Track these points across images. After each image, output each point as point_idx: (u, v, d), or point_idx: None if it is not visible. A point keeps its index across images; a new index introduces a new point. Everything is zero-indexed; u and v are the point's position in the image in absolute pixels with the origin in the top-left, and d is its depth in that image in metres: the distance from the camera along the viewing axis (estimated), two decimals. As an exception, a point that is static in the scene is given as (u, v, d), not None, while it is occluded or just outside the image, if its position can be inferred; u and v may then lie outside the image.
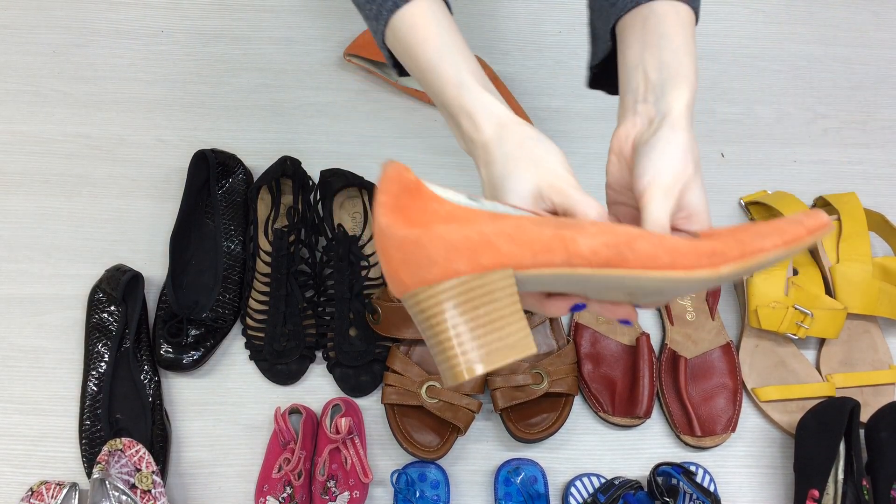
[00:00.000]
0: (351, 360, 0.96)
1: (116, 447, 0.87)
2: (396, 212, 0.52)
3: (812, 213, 0.56)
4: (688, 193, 0.58)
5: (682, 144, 0.59)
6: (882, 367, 1.01)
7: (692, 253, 0.53)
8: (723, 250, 0.53)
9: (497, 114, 0.60)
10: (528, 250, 0.52)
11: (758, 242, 0.54)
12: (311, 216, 1.03)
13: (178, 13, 1.21)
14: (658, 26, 0.61)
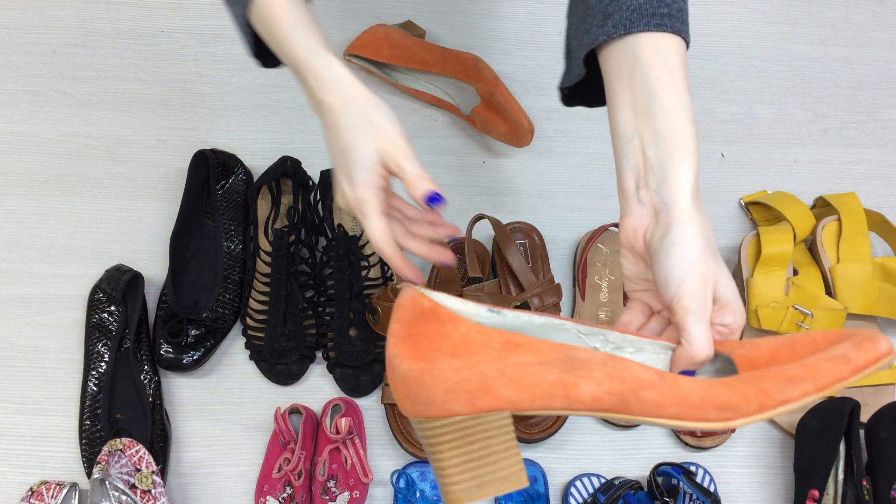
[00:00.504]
0: (351, 360, 0.96)
1: (116, 447, 0.87)
2: (406, 341, 0.54)
3: (865, 341, 0.52)
4: (717, 287, 0.57)
5: (696, 242, 0.57)
6: (882, 367, 1.00)
7: (703, 405, 0.51)
8: (738, 404, 0.51)
9: (343, 79, 0.64)
10: (527, 395, 0.53)
11: (784, 392, 0.51)
12: (311, 216, 1.03)
13: (178, 13, 1.21)
14: (646, 86, 0.58)
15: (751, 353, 0.55)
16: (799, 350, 0.54)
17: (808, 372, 0.51)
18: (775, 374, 0.52)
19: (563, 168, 1.12)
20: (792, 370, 0.52)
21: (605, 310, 1.02)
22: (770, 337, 0.56)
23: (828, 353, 0.52)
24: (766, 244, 1.01)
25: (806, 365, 0.51)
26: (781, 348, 0.54)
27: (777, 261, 1.01)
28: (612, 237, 1.06)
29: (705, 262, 0.57)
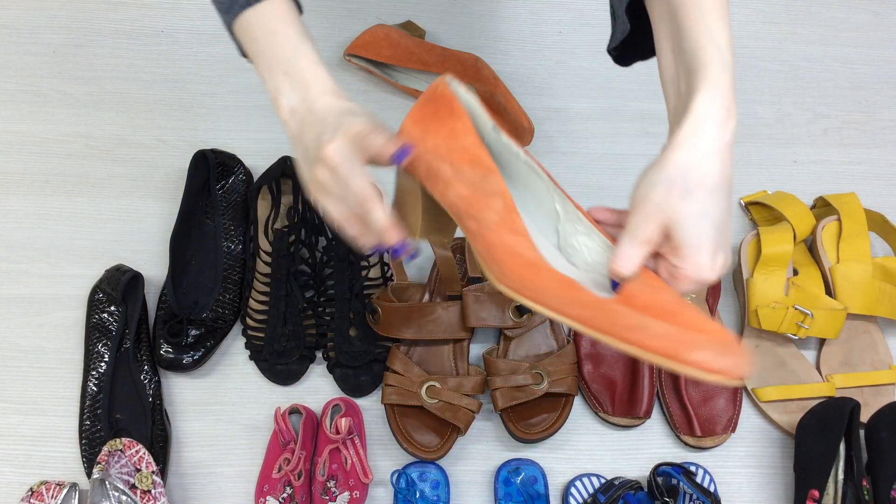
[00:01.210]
0: (351, 360, 0.96)
1: (116, 447, 0.87)
2: (417, 111, 0.66)
3: (729, 352, 0.56)
4: (674, 226, 0.58)
5: (668, 171, 0.58)
6: (882, 367, 1.01)
7: (565, 303, 0.60)
8: (591, 317, 0.59)
9: (332, 89, 0.66)
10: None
11: (630, 332, 0.58)
12: (311, 216, 1.03)
13: (178, 13, 1.21)
14: (678, 24, 0.60)
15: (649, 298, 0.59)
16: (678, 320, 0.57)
17: (663, 333, 0.57)
18: (639, 317, 0.57)
19: (563, 168, 1.12)
20: (658, 326, 0.57)
21: (605, 310, 1.01)
22: (673, 298, 0.59)
23: (697, 335, 0.56)
24: (766, 244, 1.01)
25: (668, 330, 0.57)
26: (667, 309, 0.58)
27: (777, 261, 1.01)
28: (612, 237, 1.06)
29: (667, 193, 0.58)
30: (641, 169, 0.61)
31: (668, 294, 0.58)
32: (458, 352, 0.96)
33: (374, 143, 0.63)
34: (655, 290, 0.58)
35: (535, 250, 0.62)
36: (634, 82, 1.20)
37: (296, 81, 0.65)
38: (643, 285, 0.59)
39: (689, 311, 0.57)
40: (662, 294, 0.58)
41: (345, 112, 0.64)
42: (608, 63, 0.78)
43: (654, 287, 0.59)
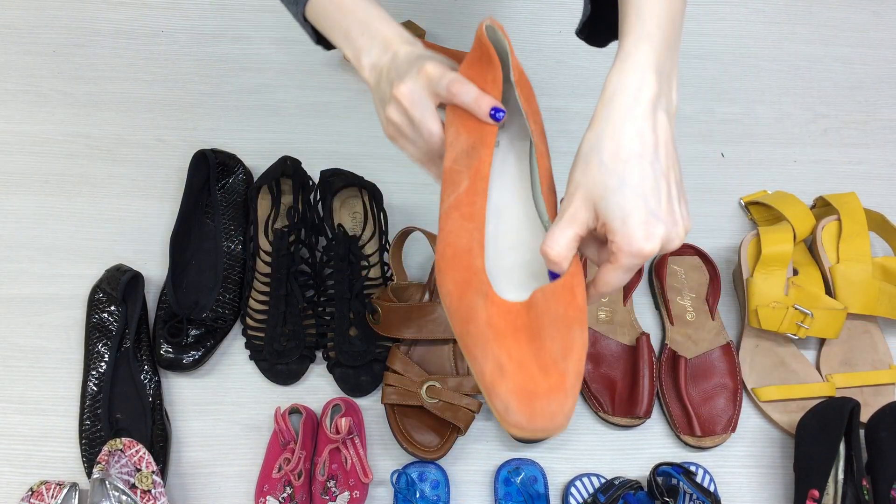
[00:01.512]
0: (351, 360, 0.96)
1: (116, 447, 0.87)
2: (468, 64, 0.66)
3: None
4: (600, 202, 0.58)
5: (587, 146, 0.60)
6: (882, 367, 1.01)
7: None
8: None
9: (408, 39, 0.68)
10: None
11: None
12: (311, 216, 1.03)
13: (178, 13, 1.21)
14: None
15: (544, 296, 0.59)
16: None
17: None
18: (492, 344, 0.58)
19: (563, 168, 1.11)
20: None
21: (604, 309, 1.02)
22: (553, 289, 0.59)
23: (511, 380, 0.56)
24: (766, 244, 1.01)
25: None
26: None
27: (777, 261, 1.01)
28: (612, 237, 1.06)
29: (584, 170, 0.59)
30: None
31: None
32: (458, 352, 0.97)
33: (450, 88, 0.64)
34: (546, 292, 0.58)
35: (474, 244, 0.61)
36: (634, 82, 1.20)
37: (374, 38, 0.67)
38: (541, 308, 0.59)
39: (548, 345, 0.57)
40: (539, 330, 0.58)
41: (421, 57, 0.65)
42: (608, 63, 0.78)
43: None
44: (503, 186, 0.69)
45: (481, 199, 0.62)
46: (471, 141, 0.64)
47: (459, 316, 0.59)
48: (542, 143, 0.66)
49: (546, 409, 0.54)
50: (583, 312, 0.58)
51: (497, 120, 0.63)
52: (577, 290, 0.58)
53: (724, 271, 1.07)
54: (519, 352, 0.56)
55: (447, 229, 0.62)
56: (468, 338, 0.58)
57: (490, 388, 0.55)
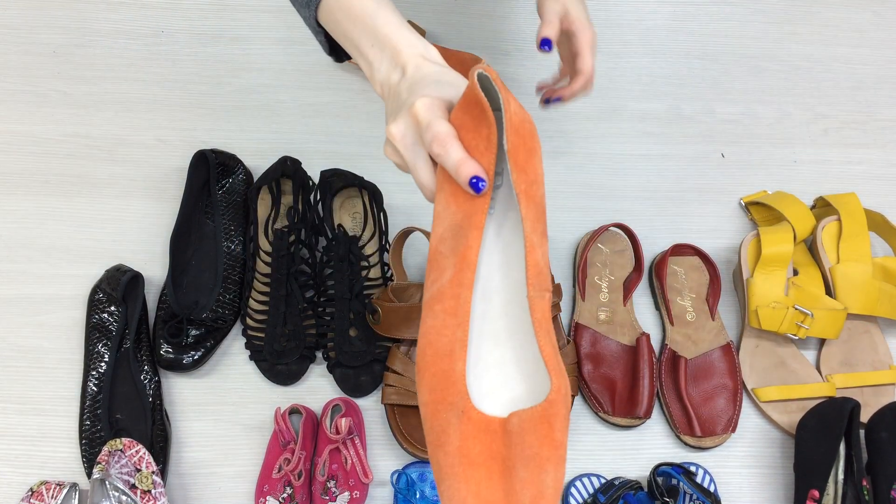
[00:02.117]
0: (351, 361, 0.96)
1: (116, 447, 0.87)
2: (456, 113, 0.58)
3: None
4: (570, 7, 0.90)
5: None
6: (882, 367, 1.01)
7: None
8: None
9: (419, 52, 0.64)
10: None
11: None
12: (311, 216, 1.03)
13: (177, 13, 1.21)
14: None
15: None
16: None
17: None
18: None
19: (563, 168, 1.12)
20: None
21: (605, 310, 1.02)
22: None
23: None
24: (766, 244, 1.01)
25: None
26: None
27: (777, 261, 1.01)
28: (612, 237, 1.06)
29: None
30: (641, 169, 0.60)
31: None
32: (458, 352, 0.96)
33: (432, 148, 0.57)
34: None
35: (456, 345, 0.55)
36: (634, 82, 1.20)
37: (384, 50, 0.63)
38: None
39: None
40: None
41: (419, 85, 0.60)
42: (608, 63, 0.78)
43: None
44: (493, 264, 0.60)
45: (466, 291, 0.56)
46: (459, 217, 0.57)
47: (432, 436, 0.54)
48: (533, 232, 0.57)
49: None
50: (559, 449, 0.53)
51: (477, 191, 0.56)
52: (556, 422, 0.53)
53: (725, 271, 1.07)
54: (490, 489, 0.52)
55: (428, 324, 0.56)
56: (436, 466, 0.54)
57: None
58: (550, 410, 0.53)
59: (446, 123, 0.57)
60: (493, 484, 0.52)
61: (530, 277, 0.56)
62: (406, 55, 0.62)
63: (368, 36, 0.64)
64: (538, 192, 0.58)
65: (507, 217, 0.61)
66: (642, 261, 1.03)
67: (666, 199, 1.12)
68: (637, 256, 1.04)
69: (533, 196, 0.57)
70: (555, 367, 0.54)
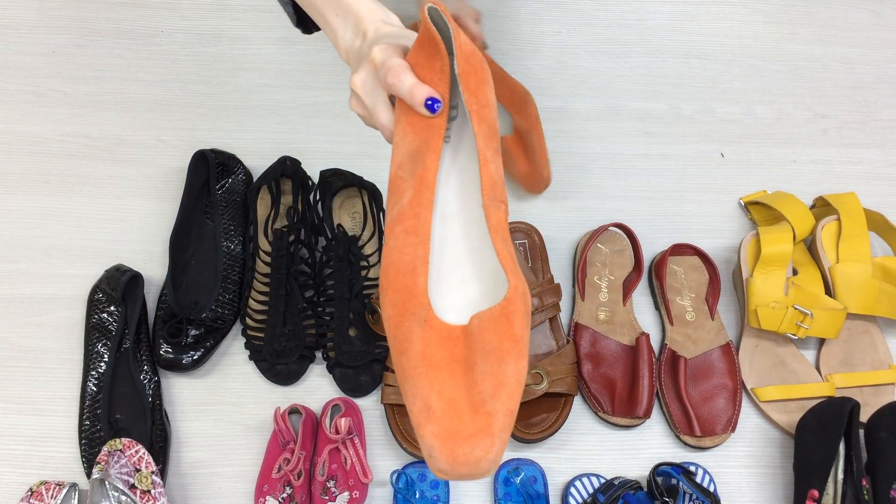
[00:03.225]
0: (351, 360, 0.96)
1: (116, 447, 0.87)
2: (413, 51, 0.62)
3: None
4: None
5: None
6: (882, 367, 1.01)
7: None
8: None
9: (380, 17, 0.66)
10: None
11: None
12: (310, 216, 1.03)
13: (177, 13, 1.21)
14: None
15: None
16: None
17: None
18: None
19: (563, 168, 1.12)
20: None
21: (604, 309, 1.02)
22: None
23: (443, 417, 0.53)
24: (765, 244, 1.01)
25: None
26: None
27: (777, 260, 1.01)
28: (611, 237, 1.06)
29: None
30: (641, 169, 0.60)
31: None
32: (457, 352, 0.96)
33: (387, 79, 0.61)
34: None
35: (418, 262, 0.57)
36: (634, 82, 1.20)
37: (348, 18, 0.66)
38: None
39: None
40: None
41: (379, 38, 0.63)
42: (608, 63, 0.78)
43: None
44: (450, 188, 0.64)
45: (426, 210, 0.59)
46: (416, 143, 0.60)
47: (395, 344, 0.56)
48: (486, 147, 0.60)
49: (469, 455, 0.50)
50: (518, 343, 0.54)
51: (433, 111, 0.60)
52: (515, 318, 0.55)
53: (724, 271, 1.07)
54: (452, 387, 0.53)
55: (390, 245, 0.58)
56: (400, 371, 0.55)
57: (416, 430, 0.53)
58: (509, 308, 0.55)
59: (400, 59, 0.61)
60: (455, 383, 0.53)
61: (485, 188, 0.59)
62: (367, 21, 0.65)
63: (333, 6, 0.67)
64: (490, 115, 0.61)
65: (461, 145, 0.64)
66: (642, 261, 1.03)
67: (666, 198, 1.12)
68: (637, 256, 1.04)
69: (485, 118, 0.61)
70: (512, 269, 0.57)
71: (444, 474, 0.51)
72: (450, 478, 0.51)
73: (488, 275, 0.60)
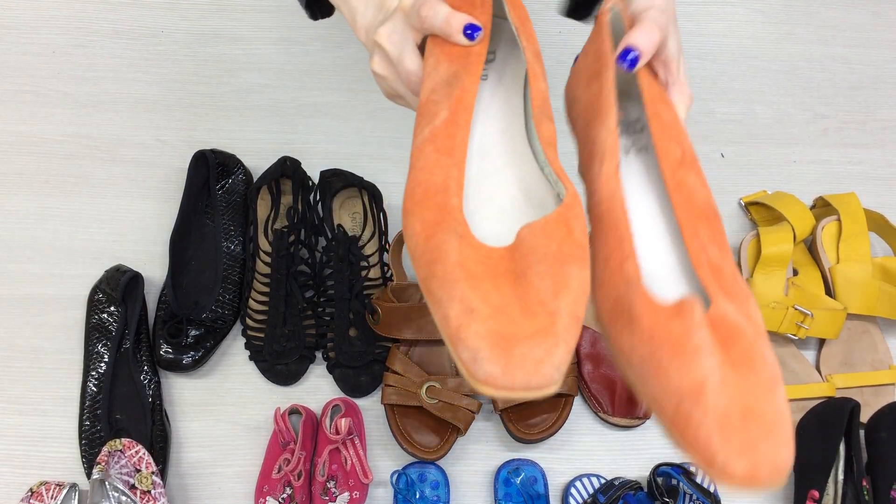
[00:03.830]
0: (351, 361, 0.96)
1: (116, 448, 0.87)
2: None
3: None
4: (668, 39, 0.58)
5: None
6: (882, 367, 1.01)
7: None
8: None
9: None
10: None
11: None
12: (310, 216, 1.03)
13: (177, 13, 1.21)
14: None
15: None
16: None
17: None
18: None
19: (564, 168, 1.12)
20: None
21: (604, 310, 1.01)
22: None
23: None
24: (765, 244, 1.01)
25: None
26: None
27: (777, 261, 1.01)
28: (611, 237, 1.06)
29: (668, 1, 0.58)
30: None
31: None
32: (457, 352, 0.96)
33: (420, 13, 0.56)
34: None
35: (451, 182, 0.49)
36: (634, 82, 1.20)
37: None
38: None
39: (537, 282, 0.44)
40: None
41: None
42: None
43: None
44: (489, 122, 0.58)
45: (463, 131, 0.52)
46: (452, 69, 0.54)
47: (426, 258, 0.46)
48: (536, 64, 0.56)
49: (528, 355, 0.40)
50: (583, 249, 0.46)
51: (472, 39, 0.55)
52: (575, 224, 0.47)
53: (724, 271, 1.07)
54: (498, 295, 0.44)
55: (419, 166, 0.51)
56: (433, 280, 0.45)
57: (455, 335, 0.42)
58: (567, 214, 0.47)
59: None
60: (502, 292, 0.44)
61: (535, 101, 0.53)
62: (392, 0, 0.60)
63: None
64: (535, 41, 0.58)
65: (503, 79, 0.59)
66: (642, 261, 1.03)
67: (666, 199, 1.12)
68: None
69: (532, 37, 0.57)
70: (566, 178, 0.51)
71: (494, 385, 0.40)
72: (501, 392, 0.40)
73: (532, 207, 0.53)
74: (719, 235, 0.51)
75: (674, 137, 0.54)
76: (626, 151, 0.60)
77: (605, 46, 0.56)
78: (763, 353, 0.46)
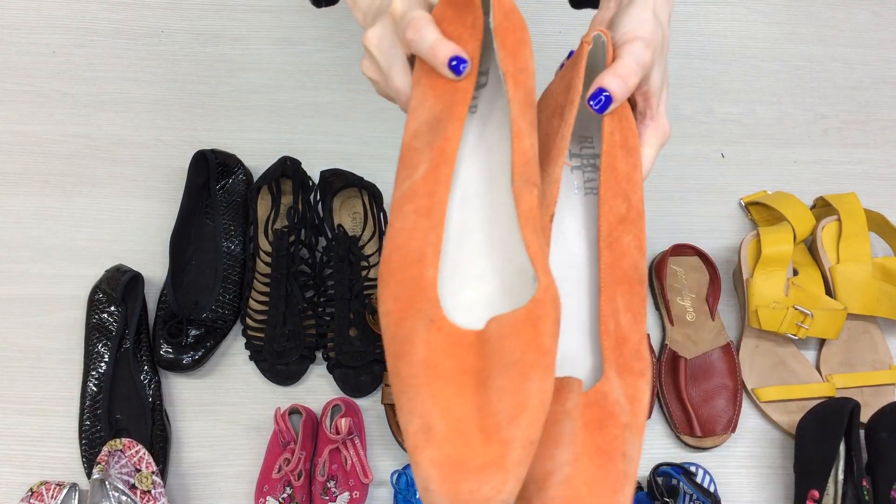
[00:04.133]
0: (351, 361, 0.96)
1: (116, 447, 0.87)
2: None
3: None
4: (651, 72, 0.55)
5: (651, 15, 0.56)
6: (882, 367, 1.01)
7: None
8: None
9: None
10: None
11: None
12: (311, 216, 1.03)
13: (177, 13, 1.21)
14: None
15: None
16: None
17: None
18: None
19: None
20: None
21: (605, 310, 1.01)
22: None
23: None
24: (766, 244, 1.01)
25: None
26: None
27: (777, 261, 1.01)
28: (612, 237, 1.06)
29: (654, 30, 0.56)
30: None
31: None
32: (457, 352, 0.96)
33: (406, 35, 0.52)
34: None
35: (428, 249, 0.47)
36: (634, 82, 1.20)
37: None
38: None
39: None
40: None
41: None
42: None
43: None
44: (474, 168, 0.54)
45: (443, 189, 0.48)
46: (437, 109, 0.51)
47: (394, 346, 0.45)
48: (521, 118, 0.51)
49: (476, 493, 0.40)
50: (546, 356, 0.44)
51: (457, 73, 0.51)
52: (543, 325, 0.44)
53: (724, 271, 1.07)
54: (460, 405, 0.43)
55: (397, 226, 0.48)
56: (397, 380, 0.44)
57: (411, 454, 0.42)
58: (537, 312, 0.45)
59: (423, 11, 0.52)
60: (464, 400, 0.43)
61: (516, 166, 0.49)
62: None
63: None
64: (528, 81, 0.52)
65: (491, 117, 0.55)
66: (642, 261, 1.03)
67: (666, 199, 1.12)
68: (637, 256, 1.04)
69: (522, 83, 0.51)
70: (542, 265, 0.47)
71: None
72: None
73: (512, 272, 0.50)
74: (638, 303, 0.51)
75: (622, 193, 0.53)
76: (580, 188, 0.59)
77: (576, 81, 0.54)
78: (623, 449, 0.47)
